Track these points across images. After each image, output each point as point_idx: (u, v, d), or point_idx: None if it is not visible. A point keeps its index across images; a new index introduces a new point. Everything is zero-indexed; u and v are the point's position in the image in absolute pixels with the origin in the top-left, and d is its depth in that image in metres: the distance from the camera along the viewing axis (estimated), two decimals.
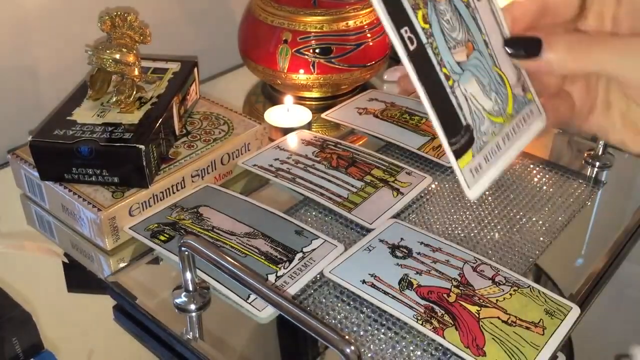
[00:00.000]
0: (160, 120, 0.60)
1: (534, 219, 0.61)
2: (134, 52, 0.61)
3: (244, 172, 0.67)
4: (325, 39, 0.77)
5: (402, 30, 0.31)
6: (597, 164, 0.69)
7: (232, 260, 0.45)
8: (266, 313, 0.49)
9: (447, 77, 0.33)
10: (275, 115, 0.76)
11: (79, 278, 0.57)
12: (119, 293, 0.52)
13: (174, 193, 0.61)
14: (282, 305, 0.42)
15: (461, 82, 0.33)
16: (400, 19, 0.31)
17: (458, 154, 0.33)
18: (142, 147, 0.56)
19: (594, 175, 0.69)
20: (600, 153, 0.70)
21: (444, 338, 0.46)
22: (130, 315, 0.52)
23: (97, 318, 0.54)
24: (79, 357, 0.50)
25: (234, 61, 0.90)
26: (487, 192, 0.64)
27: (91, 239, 0.58)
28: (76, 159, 0.57)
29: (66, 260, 0.57)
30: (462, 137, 0.33)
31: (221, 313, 0.50)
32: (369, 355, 0.47)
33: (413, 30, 0.31)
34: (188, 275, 0.49)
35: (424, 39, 0.32)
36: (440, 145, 0.70)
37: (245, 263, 0.51)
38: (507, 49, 0.36)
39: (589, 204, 0.64)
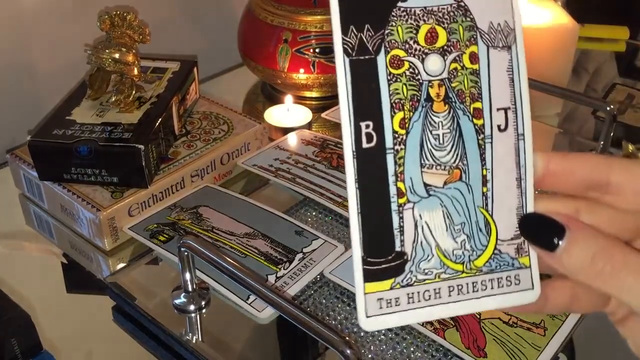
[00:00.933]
0: (160, 120, 0.60)
1: None
2: (134, 51, 0.61)
3: (243, 172, 0.67)
4: (325, 39, 0.77)
5: (363, 124, 0.27)
6: None
7: (232, 261, 0.45)
8: (266, 314, 0.48)
9: (401, 194, 0.28)
10: (275, 115, 0.76)
11: (78, 278, 0.56)
12: (118, 294, 0.52)
13: (173, 193, 0.61)
14: (282, 306, 0.41)
15: (419, 207, 0.28)
16: (366, 110, 0.27)
17: (370, 277, 0.28)
18: (142, 147, 0.56)
19: None
20: (601, 153, 0.69)
21: (444, 339, 0.46)
22: (129, 315, 0.51)
23: (96, 319, 0.54)
24: (78, 358, 0.50)
25: (233, 61, 0.89)
26: None
27: (90, 239, 0.58)
28: (75, 159, 0.57)
29: (65, 261, 0.57)
30: (387, 262, 0.28)
31: (221, 314, 0.50)
32: (369, 356, 0.46)
33: (378, 128, 0.27)
34: (187, 275, 0.49)
35: (388, 143, 0.28)
36: None
37: (245, 263, 0.51)
38: (519, 224, 0.30)
39: None
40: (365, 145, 0.27)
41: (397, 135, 0.28)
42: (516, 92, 0.30)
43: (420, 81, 0.28)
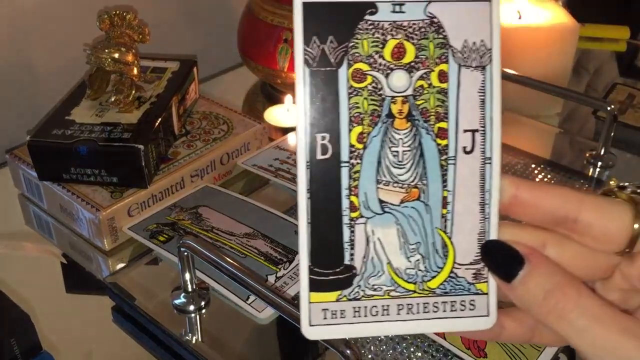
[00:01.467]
0: (160, 119, 0.60)
1: None
2: (133, 51, 0.61)
3: (243, 172, 0.67)
4: None
5: (319, 135, 0.27)
6: (599, 164, 0.69)
7: (232, 261, 0.45)
8: (266, 314, 0.48)
9: (354, 208, 0.28)
10: (275, 115, 0.76)
11: (77, 279, 0.56)
12: (117, 294, 0.52)
13: (173, 193, 0.61)
14: (282, 306, 0.41)
15: (372, 222, 0.28)
16: (323, 122, 0.27)
17: (316, 287, 0.28)
18: (141, 147, 0.56)
19: (595, 175, 0.68)
20: (602, 153, 0.69)
21: (445, 339, 0.46)
22: (129, 316, 0.51)
23: (95, 319, 0.53)
24: (77, 358, 0.50)
25: (233, 60, 0.89)
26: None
27: (90, 240, 0.58)
28: (75, 159, 0.56)
29: (64, 261, 0.57)
30: (334, 274, 0.28)
31: (220, 314, 0.50)
32: (369, 356, 0.46)
33: (334, 141, 0.27)
34: (187, 276, 0.49)
35: (344, 156, 0.27)
36: None
37: (244, 264, 0.51)
38: (481, 251, 0.29)
39: None
40: (319, 156, 0.27)
41: (353, 149, 0.27)
42: (487, 114, 0.30)
43: (383, 96, 0.28)
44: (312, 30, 0.27)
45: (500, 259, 0.28)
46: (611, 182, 0.30)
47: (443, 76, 0.28)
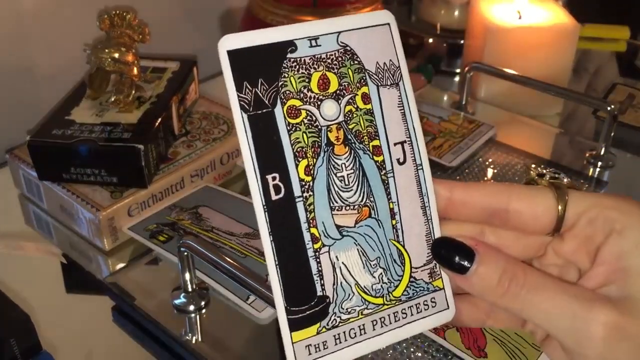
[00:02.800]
0: (160, 119, 0.60)
1: None
2: (133, 51, 0.61)
3: (243, 172, 0.67)
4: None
5: (269, 176, 0.28)
6: (599, 164, 0.69)
7: (232, 261, 0.45)
8: (266, 314, 0.48)
9: (315, 239, 0.29)
10: None
11: (77, 279, 0.56)
12: (117, 294, 0.52)
13: (173, 193, 0.61)
14: None
15: (334, 249, 0.29)
16: (271, 163, 0.28)
17: (296, 326, 0.28)
18: (141, 147, 0.56)
19: (596, 175, 0.68)
20: (602, 153, 0.69)
21: (445, 339, 0.46)
22: (129, 316, 0.51)
23: (95, 319, 0.53)
24: (77, 358, 0.50)
25: None
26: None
27: (90, 240, 0.58)
28: (75, 159, 0.56)
29: (64, 261, 0.57)
30: (310, 308, 0.29)
31: (220, 314, 0.50)
32: (369, 356, 0.46)
33: (285, 179, 0.28)
34: (187, 276, 0.49)
35: (296, 192, 0.28)
36: (441, 145, 0.69)
37: (244, 264, 0.51)
38: (431, 250, 0.31)
39: None
40: (274, 197, 0.28)
41: (304, 183, 0.28)
42: (409, 126, 0.31)
43: (319, 127, 0.29)
44: (242, 76, 0.28)
45: (451, 255, 0.30)
46: (531, 172, 0.32)
47: (366, 98, 0.30)
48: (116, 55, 0.60)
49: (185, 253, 0.47)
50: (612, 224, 0.29)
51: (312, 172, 0.29)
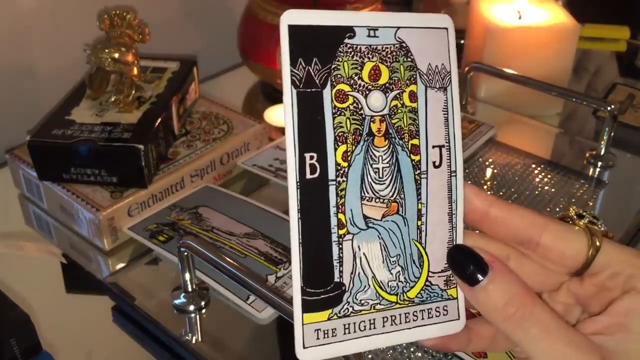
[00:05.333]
0: (160, 119, 0.60)
1: None
2: (133, 51, 0.61)
3: (243, 172, 0.67)
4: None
5: (307, 155, 0.28)
6: (599, 164, 0.69)
7: (232, 261, 0.45)
8: (266, 314, 0.48)
9: (341, 225, 0.29)
10: (275, 115, 0.76)
11: (77, 279, 0.56)
12: (117, 294, 0.52)
13: (173, 193, 0.61)
14: (281, 306, 0.41)
15: (358, 238, 0.29)
16: (311, 142, 0.28)
17: (309, 307, 0.28)
18: (141, 147, 0.56)
19: (596, 176, 0.68)
20: (602, 153, 0.69)
21: None
22: (129, 316, 0.51)
23: (95, 319, 0.53)
24: (77, 358, 0.50)
25: (233, 60, 0.89)
26: (487, 192, 0.64)
27: (90, 240, 0.58)
28: (75, 159, 0.56)
29: (64, 261, 0.57)
30: (325, 292, 0.29)
31: (220, 314, 0.50)
32: (369, 356, 0.46)
33: (322, 160, 0.28)
34: (187, 276, 0.49)
35: (331, 174, 0.28)
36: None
37: (244, 264, 0.51)
38: (447, 254, 0.31)
39: (591, 204, 0.63)
40: (308, 176, 0.28)
41: (339, 168, 0.28)
42: (450, 131, 0.31)
43: (363, 116, 0.29)
44: (298, 52, 0.28)
45: (465, 264, 0.30)
46: (571, 209, 0.32)
47: (413, 96, 0.30)
48: (116, 55, 0.60)
49: (185, 253, 0.47)
50: (634, 283, 0.29)
51: (349, 158, 0.29)
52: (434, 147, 0.31)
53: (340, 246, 0.29)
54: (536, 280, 0.31)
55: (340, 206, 0.29)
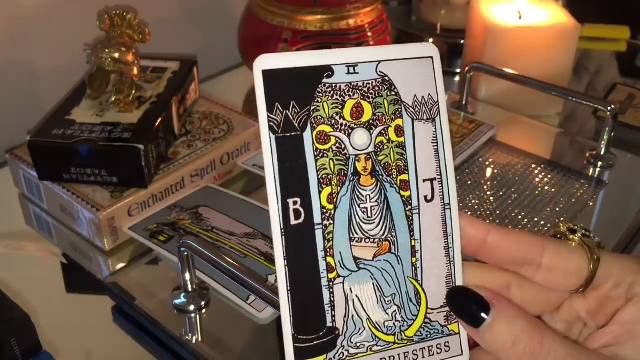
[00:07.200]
0: (160, 119, 0.60)
1: (535, 219, 0.60)
2: (133, 51, 0.61)
3: (243, 172, 0.67)
4: (325, 38, 0.76)
5: (290, 200, 0.27)
6: (600, 164, 0.69)
7: (232, 261, 0.45)
8: (266, 314, 0.48)
9: (331, 269, 0.28)
10: None
11: (77, 279, 0.56)
12: (117, 294, 0.52)
13: (173, 193, 0.61)
14: None
15: (349, 281, 0.28)
16: (294, 187, 0.27)
17: (302, 355, 0.28)
18: (141, 146, 0.56)
19: (596, 176, 0.68)
20: (602, 153, 0.69)
21: None
22: (129, 316, 0.51)
23: (96, 319, 0.53)
24: (77, 358, 0.50)
25: (233, 60, 0.89)
26: (488, 192, 0.64)
27: (90, 240, 0.58)
28: (75, 159, 0.56)
29: (65, 261, 0.57)
30: (318, 338, 0.28)
31: (220, 314, 0.50)
32: None
33: (306, 204, 0.27)
34: (187, 276, 0.49)
35: (316, 219, 0.28)
36: None
37: (245, 264, 0.51)
38: (446, 297, 0.30)
39: (591, 204, 0.63)
40: (293, 222, 0.27)
41: (325, 211, 0.28)
42: (441, 163, 0.30)
43: (347, 155, 0.28)
44: (274, 97, 0.27)
45: (466, 306, 0.29)
46: (561, 226, 0.32)
47: (399, 131, 0.29)
48: (116, 55, 0.60)
49: (186, 253, 0.47)
50: (636, 290, 0.29)
51: (335, 200, 0.28)
52: (424, 180, 0.30)
53: (331, 290, 0.28)
54: (539, 303, 0.31)
55: (328, 250, 0.28)
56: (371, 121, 0.29)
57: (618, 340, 0.29)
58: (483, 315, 0.29)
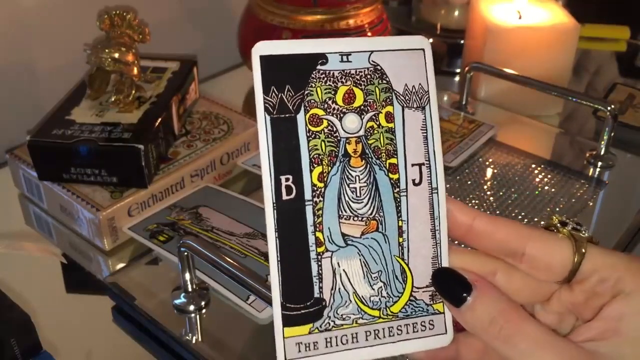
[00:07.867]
0: (160, 119, 0.60)
1: (535, 219, 0.60)
2: (133, 51, 0.61)
3: (243, 172, 0.67)
4: (325, 38, 0.76)
5: (283, 177, 0.29)
6: (600, 164, 0.69)
7: (232, 261, 0.45)
8: (266, 314, 0.48)
9: (319, 243, 0.29)
10: None
11: (77, 279, 0.56)
12: (117, 294, 0.52)
13: (173, 193, 0.61)
14: None
15: (337, 255, 0.30)
16: (286, 165, 0.29)
17: (289, 322, 0.29)
18: (141, 146, 0.56)
19: (596, 176, 0.68)
20: (602, 153, 0.69)
21: None
22: (129, 316, 0.51)
23: (95, 319, 0.53)
24: (77, 358, 0.50)
25: (233, 60, 0.89)
26: (488, 192, 0.64)
27: (90, 240, 0.58)
28: (75, 159, 0.56)
29: (65, 261, 0.57)
30: (305, 307, 0.29)
31: (220, 314, 0.50)
32: None
33: (297, 181, 0.29)
34: (187, 276, 0.49)
35: (307, 195, 0.29)
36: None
37: (244, 264, 0.51)
38: (431, 277, 0.31)
39: (591, 204, 0.63)
40: (285, 197, 0.29)
41: (315, 188, 0.29)
42: (429, 149, 0.32)
43: (339, 138, 0.30)
44: (270, 81, 0.29)
45: (450, 286, 0.31)
46: (554, 218, 0.32)
47: (389, 117, 0.31)
48: (116, 55, 0.60)
49: (185, 253, 0.47)
50: (622, 286, 0.29)
51: (325, 179, 0.30)
52: (413, 165, 0.31)
53: (319, 263, 0.30)
54: (527, 292, 0.32)
55: (317, 225, 0.29)
56: (362, 107, 0.30)
57: (602, 335, 0.29)
58: (465, 295, 0.30)
